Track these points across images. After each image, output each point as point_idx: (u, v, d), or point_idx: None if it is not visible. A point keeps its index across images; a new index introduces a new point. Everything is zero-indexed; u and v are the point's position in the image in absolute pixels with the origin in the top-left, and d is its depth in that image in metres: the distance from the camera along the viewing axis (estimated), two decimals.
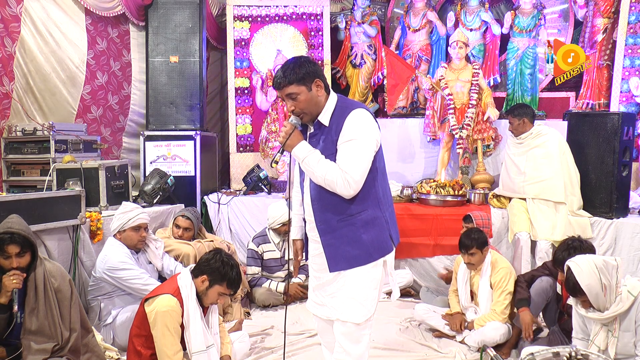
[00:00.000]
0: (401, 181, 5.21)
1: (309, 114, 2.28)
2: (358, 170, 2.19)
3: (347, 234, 2.25)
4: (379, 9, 6.57)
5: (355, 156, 2.20)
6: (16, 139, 4.55)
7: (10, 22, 4.53)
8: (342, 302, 2.30)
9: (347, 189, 2.19)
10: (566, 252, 3.09)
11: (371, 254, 2.27)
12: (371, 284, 2.30)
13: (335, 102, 2.31)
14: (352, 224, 2.25)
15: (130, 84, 5.66)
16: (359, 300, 2.28)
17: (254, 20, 5.89)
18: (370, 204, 2.27)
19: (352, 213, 2.25)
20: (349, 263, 2.27)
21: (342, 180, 2.18)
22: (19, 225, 2.57)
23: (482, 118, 5.31)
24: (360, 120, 2.24)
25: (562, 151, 4.24)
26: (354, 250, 2.25)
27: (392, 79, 5.58)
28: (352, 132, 2.21)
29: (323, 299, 2.40)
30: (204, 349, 2.74)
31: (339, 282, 2.31)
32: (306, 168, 2.26)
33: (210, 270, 2.77)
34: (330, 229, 2.28)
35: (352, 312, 2.29)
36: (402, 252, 4.69)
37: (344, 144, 2.21)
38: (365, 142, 2.22)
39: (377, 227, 2.28)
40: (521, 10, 5.69)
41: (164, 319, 2.65)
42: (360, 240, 2.25)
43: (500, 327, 3.43)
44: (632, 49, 5.33)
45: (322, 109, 2.29)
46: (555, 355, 2.20)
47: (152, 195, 4.63)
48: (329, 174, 2.19)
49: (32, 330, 2.55)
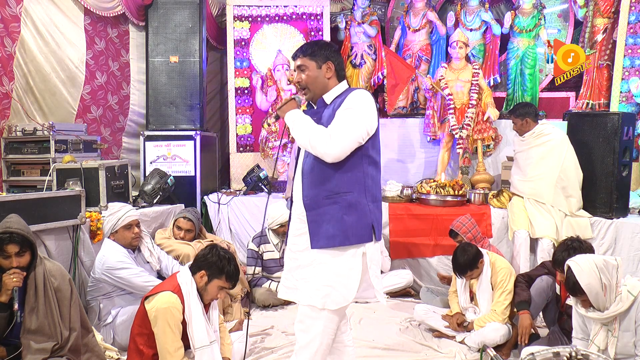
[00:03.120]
0: (401, 181, 5.21)
1: (312, 91, 2.38)
2: (344, 133, 2.20)
3: (329, 212, 2.26)
4: (379, 9, 6.56)
5: (346, 121, 2.22)
6: (16, 139, 4.55)
7: (10, 22, 4.53)
8: (317, 289, 2.27)
9: (327, 147, 2.20)
10: (565, 252, 3.09)
11: (348, 237, 2.25)
12: (350, 273, 2.27)
13: (345, 87, 2.39)
14: (337, 202, 2.26)
15: (129, 84, 5.66)
16: (336, 287, 2.25)
17: (254, 20, 5.89)
18: (357, 188, 2.29)
19: (339, 192, 2.26)
20: (327, 241, 2.26)
21: (327, 137, 2.20)
22: (18, 225, 2.57)
23: (482, 118, 5.31)
24: (361, 97, 2.29)
25: (562, 151, 4.22)
26: (333, 229, 2.25)
27: (392, 79, 5.58)
28: (351, 102, 2.26)
29: (296, 282, 2.37)
30: (208, 344, 2.74)
31: (315, 267, 2.29)
32: (294, 131, 2.31)
33: (208, 265, 2.78)
34: (315, 204, 2.28)
35: (328, 298, 2.25)
36: (402, 252, 4.70)
37: (340, 111, 2.27)
38: (360, 113, 2.24)
39: (359, 212, 2.27)
40: (521, 10, 5.69)
41: (165, 315, 2.65)
42: (340, 221, 2.25)
43: (500, 328, 3.43)
44: (632, 49, 5.33)
45: (326, 91, 2.37)
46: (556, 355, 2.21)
47: (152, 195, 4.63)
48: (313, 132, 2.24)
49: (31, 330, 2.55)
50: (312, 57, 2.36)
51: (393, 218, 4.76)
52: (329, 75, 2.37)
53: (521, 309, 3.34)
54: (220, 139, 6.38)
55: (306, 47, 2.39)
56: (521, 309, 3.34)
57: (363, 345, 3.51)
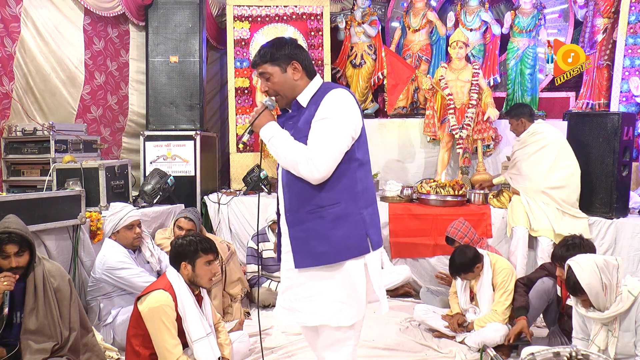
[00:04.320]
0: (401, 181, 5.21)
1: (283, 96, 2.17)
2: (326, 152, 1.99)
3: (315, 228, 2.07)
4: (379, 9, 6.56)
5: (326, 136, 2.01)
6: (16, 139, 4.55)
7: (10, 22, 4.54)
8: (327, 307, 2.10)
9: (310, 171, 2.00)
10: (564, 248, 3.12)
11: (339, 253, 2.06)
12: (357, 286, 2.10)
13: (318, 85, 2.17)
14: (322, 217, 2.06)
15: (127, 84, 5.65)
16: (348, 302, 2.09)
17: (254, 20, 5.89)
18: (345, 198, 2.07)
19: (323, 205, 2.06)
20: (315, 260, 2.07)
21: (306, 159, 2.00)
22: (17, 225, 2.57)
23: (482, 118, 5.31)
24: (338, 100, 2.06)
25: (556, 147, 4.25)
26: (321, 246, 2.06)
27: (392, 79, 5.58)
28: (327, 110, 2.04)
29: (292, 304, 2.18)
30: (204, 336, 2.75)
31: (315, 284, 2.11)
32: (272, 149, 2.12)
33: (182, 255, 2.80)
34: (298, 220, 2.10)
35: (341, 314, 2.10)
36: (402, 252, 4.70)
37: (316, 122, 2.05)
38: (339, 122, 2.02)
39: (349, 224, 2.07)
40: (521, 10, 5.69)
41: (158, 314, 2.65)
42: (328, 236, 2.05)
43: (500, 329, 3.43)
44: (632, 49, 5.33)
45: (298, 92, 2.15)
46: (556, 355, 2.21)
47: (152, 195, 4.63)
48: (293, 153, 2.03)
49: (31, 330, 2.55)
50: (274, 62, 2.13)
51: (393, 218, 4.76)
52: (297, 76, 2.14)
53: (518, 315, 3.35)
54: (220, 139, 6.38)
55: (264, 52, 2.15)
56: (518, 315, 3.35)
57: (363, 345, 3.51)
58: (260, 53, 2.16)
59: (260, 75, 2.18)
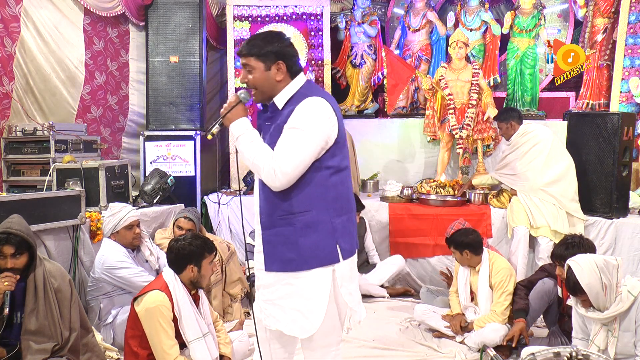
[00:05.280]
0: (401, 181, 5.21)
1: (260, 92, 2.12)
2: (290, 162, 1.96)
3: (284, 233, 2.06)
4: (379, 9, 6.56)
5: (292, 146, 1.97)
6: (16, 139, 4.54)
7: (10, 22, 4.53)
8: (284, 313, 2.09)
9: (272, 179, 1.98)
10: (564, 247, 3.14)
11: (307, 261, 2.04)
12: (316, 296, 2.06)
13: (298, 87, 2.11)
14: (292, 224, 2.05)
15: (127, 84, 5.65)
16: (303, 312, 2.07)
17: (254, 20, 5.89)
18: (316, 205, 2.05)
19: (294, 212, 2.04)
20: (282, 265, 2.07)
21: (269, 167, 1.98)
22: (19, 226, 2.57)
23: (482, 118, 5.31)
24: (312, 110, 2.02)
25: (547, 145, 4.27)
26: (289, 252, 2.05)
27: (392, 79, 5.58)
28: (298, 120, 2.00)
29: (262, 304, 2.19)
30: (200, 336, 2.76)
31: (279, 289, 2.10)
32: (238, 147, 2.09)
33: (188, 257, 2.80)
34: (270, 224, 2.09)
35: (295, 324, 2.08)
36: (402, 252, 4.70)
37: (285, 130, 2.02)
38: (309, 133, 1.98)
39: (319, 233, 2.05)
40: (521, 10, 5.69)
41: (154, 314, 2.65)
42: (296, 244, 2.04)
43: (500, 329, 3.43)
44: (632, 49, 5.33)
45: (277, 92, 2.10)
46: (556, 355, 2.21)
47: (152, 195, 4.63)
48: (258, 157, 2.01)
49: (31, 330, 2.55)
50: (259, 58, 2.07)
51: (393, 218, 4.76)
52: (279, 77, 2.09)
53: (518, 318, 3.35)
54: (220, 139, 6.38)
55: (252, 44, 2.09)
56: (518, 318, 3.35)
57: (363, 345, 3.51)
58: (250, 44, 2.11)
59: (243, 65, 2.13)
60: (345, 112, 6.13)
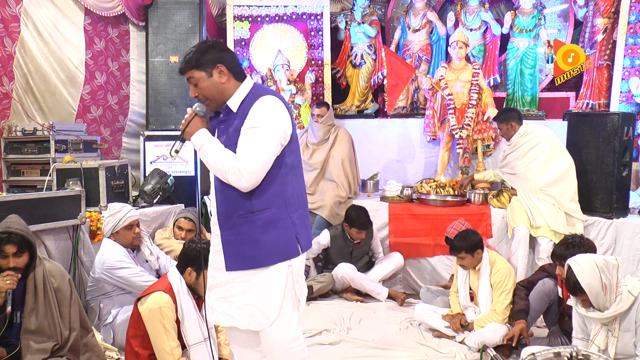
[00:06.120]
0: (401, 181, 5.20)
1: (213, 101, 2.17)
2: (254, 161, 2.01)
3: (246, 232, 2.10)
4: (379, 9, 6.56)
5: (254, 145, 2.03)
6: (16, 139, 4.55)
7: (10, 22, 4.54)
8: (239, 309, 2.13)
9: (239, 180, 2.02)
10: (564, 246, 3.14)
11: (269, 257, 2.10)
12: (272, 290, 2.11)
13: (249, 88, 2.16)
14: (252, 222, 2.09)
15: (128, 84, 5.66)
16: (258, 307, 2.11)
17: (254, 20, 5.89)
18: (275, 203, 2.11)
19: (254, 210, 2.09)
20: (244, 263, 2.10)
21: (234, 169, 2.02)
22: (18, 225, 2.57)
23: (482, 118, 5.31)
24: (267, 108, 2.08)
25: (547, 145, 4.27)
26: (252, 250, 2.09)
27: (392, 79, 5.57)
28: (256, 119, 2.06)
29: (214, 302, 2.21)
30: (202, 340, 2.76)
31: (235, 286, 2.13)
32: (202, 157, 2.13)
33: (191, 260, 2.79)
34: (230, 224, 2.12)
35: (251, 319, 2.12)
36: (402, 251, 4.69)
37: (245, 131, 2.06)
38: (268, 131, 2.04)
39: (280, 229, 2.11)
40: (521, 10, 5.69)
41: (158, 315, 2.65)
42: (259, 241, 2.09)
43: (500, 329, 3.42)
44: (632, 49, 5.33)
45: (229, 96, 2.15)
46: (557, 355, 2.21)
47: (152, 195, 4.63)
48: (222, 162, 2.04)
49: (31, 330, 2.55)
50: (199, 67, 2.12)
51: (393, 218, 4.76)
52: (223, 80, 2.13)
53: (518, 319, 3.35)
54: None
55: (189, 58, 2.14)
56: (518, 319, 3.35)
57: (363, 346, 3.51)
58: (186, 59, 2.16)
59: (187, 81, 2.18)
60: (345, 112, 6.13)
